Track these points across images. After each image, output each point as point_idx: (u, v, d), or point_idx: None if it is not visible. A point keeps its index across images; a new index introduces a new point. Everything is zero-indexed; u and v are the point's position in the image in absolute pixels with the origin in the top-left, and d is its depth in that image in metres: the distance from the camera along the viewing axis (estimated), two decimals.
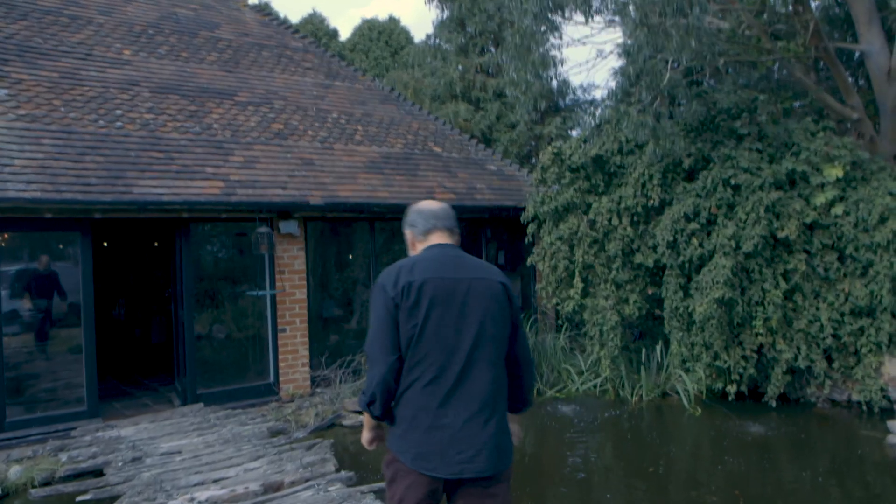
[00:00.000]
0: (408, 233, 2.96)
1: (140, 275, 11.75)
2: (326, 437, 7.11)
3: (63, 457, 6.37)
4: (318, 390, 8.82)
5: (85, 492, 5.38)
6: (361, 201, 9.04)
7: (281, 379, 8.68)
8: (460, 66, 17.44)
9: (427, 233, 2.83)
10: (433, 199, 10.06)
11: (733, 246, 7.55)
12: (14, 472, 6.29)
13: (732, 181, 7.86)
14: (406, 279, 2.62)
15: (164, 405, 8.31)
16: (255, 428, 6.83)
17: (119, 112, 8.42)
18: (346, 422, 7.97)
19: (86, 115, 8.12)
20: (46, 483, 6.13)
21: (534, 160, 15.99)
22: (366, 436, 2.91)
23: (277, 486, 5.09)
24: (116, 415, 7.83)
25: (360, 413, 8.10)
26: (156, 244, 10.72)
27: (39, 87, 8.23)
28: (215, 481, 5.37)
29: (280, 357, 8.68)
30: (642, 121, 8.05)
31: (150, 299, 11.39)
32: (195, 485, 5.27)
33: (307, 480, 5.21)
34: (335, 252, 9.98)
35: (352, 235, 10.07)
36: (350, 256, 10.26)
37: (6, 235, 7.31)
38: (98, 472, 5.97)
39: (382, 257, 10.42)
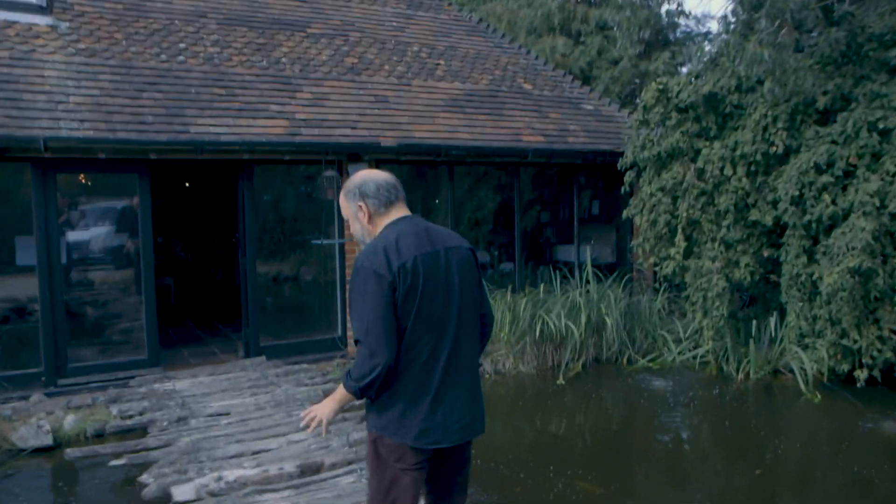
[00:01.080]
0: (360, 205, 2.72)
1: (221, 216, 11.52)
2: None
3: (114, 409, 6.11)
4: None
5: (119, 455, 5.04)
6: (439, 143, 8.22)
7: (348, 334, 8.17)
8: None
9: (389, 205, 2.69)
10: (520, 141, 9.14)
11: (876, 205, 6.22)
12: (69, 422, 6.09)
13: (881, 125, 6.45)
14: (398, 260, 2.51)
15: (230, 354, 7.99)
16: (312, 391, 6.33)
17: (182, 45, 7.90)
18: None
19: (147, 49, 7.64)
20: (98, 435, 5.90)
21: (637, 100, 14.55)
22: (332, 413, 2.72)
23: (316, 468, 4.53)
24: (180, 363, 7.57)
25: None
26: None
27: (102, 20, 7.80)
28: (255, 453, 4.88)
29: (348, 309, 8.14)
30: (757, 53, 6.73)
31: (231, 241, 11.17)
32: (232, 456, 4.80)
33: (350, 463, 4.62)
34: (409, 200, 9.26)
35: (430, 181, 9.30)
36: (428, 203, 9.53)
37: (82, 177, 7.04)
38: (143, 431, 5.66)
39: (464, 205, 9.65)
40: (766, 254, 7.49)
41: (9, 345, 6.99)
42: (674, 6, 14.44)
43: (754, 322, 7.72)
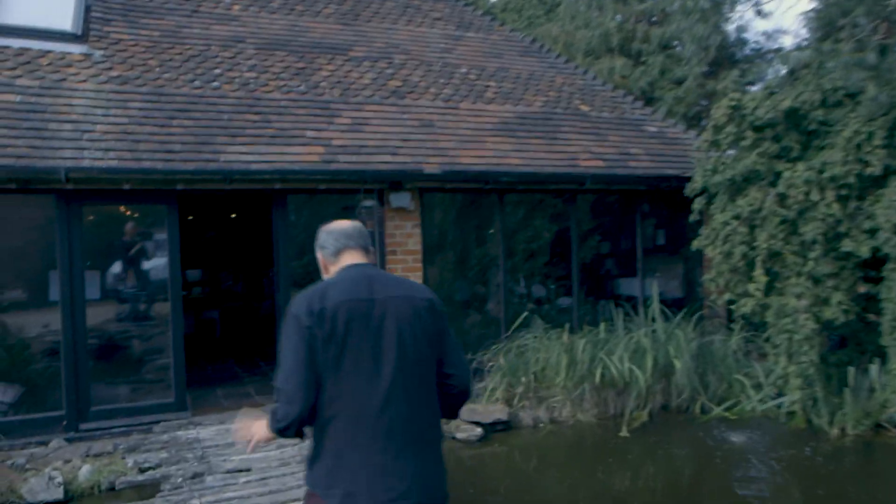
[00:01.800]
0: (319, 256, 2.68)
1: (267, 247, 11.17)
2: None
3: (130, 460, 5.62)
4: None
5: None
6: (487, 169, 7.60)
7: None
8: (619, 15, 15.29)
9: (338, 253, 2.60)
10: (577, 166, 8.45)
11: None
12: (84, 473, 5.63)
13: None
14: (319, 305, 2.36)
15: (266, 397, 7.46)
16: None
17: (218, 71, 7.56)
18: (459, 434, 6.68)
19: (181, 76, 7.31)
20: (111, 489, 5.41)
21: (703, 122, 13.64)
22: (255, 442, 2.59)
23: None
24: (211, 405, 7.08)
25: (478, 425, 6.78)
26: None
27: (137, 48, 7.54)
28: None
29: None
30: (857, 59, 5.89)
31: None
32: None
33: None
34: (457, 230, 8.67)
35: (479, 210, 8.69)
36: (477, 234, 8.91)
37: (109, 209, 6.65)
38: (156, 486, 5.13)
39: (517, 235, 8.99)
40: (861, 289, 6.54)
41: (37, 385, 6.64)
42: (742, 21, 13.54)
43: (850, 368, 6.72)
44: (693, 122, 14.28)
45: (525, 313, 8.00)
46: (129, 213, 6.80)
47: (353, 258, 2.58)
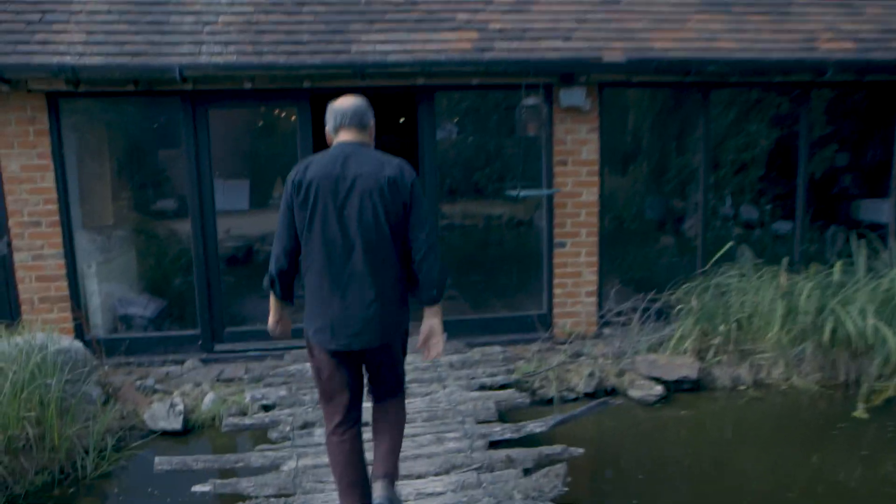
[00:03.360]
0: (326, 131, 3.01)
1: None
2: (579, 430, 4.68)
3: (249, 395, 5.06)
4: (607, 332, 6.30)
5: (212, 472, 3.84)
6: (688, 56, 5.84)
7: (556, 311, 6.35)
8: None
9: (337, 130, 2.92)
10: (814, 49, 6.33)
11: None
12: (207, 403, 5.20)
13: None
14: (300, 177, 2.80)
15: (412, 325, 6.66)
16: (483, 401, 4.66)
17: None
18: (633, 391, 5.39)
19: None
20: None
21: None
22: (270, 320, 3.08)
23: None
24: None
25: (657, 382, 5.44)
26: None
27: None
28: None
29: (555, 281, 6.31)
30: None
31: None
32: None
33: None
34: (646, 136, 7.03)
35: (674, 111, 6.97)
36: (670, 142, 7.22)
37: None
38: (264, 431, 4.48)
39: (725, 143, 7.20)
40: None
41: (178, 300, 6.36)
42: None
43: None
44: None
45: (731, 243, 6.31)
46: (260, 115, 6.08)
47: (346, 136, 2.89)
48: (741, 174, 7.51)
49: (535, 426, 4.25)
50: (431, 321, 2.90)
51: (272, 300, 2.99)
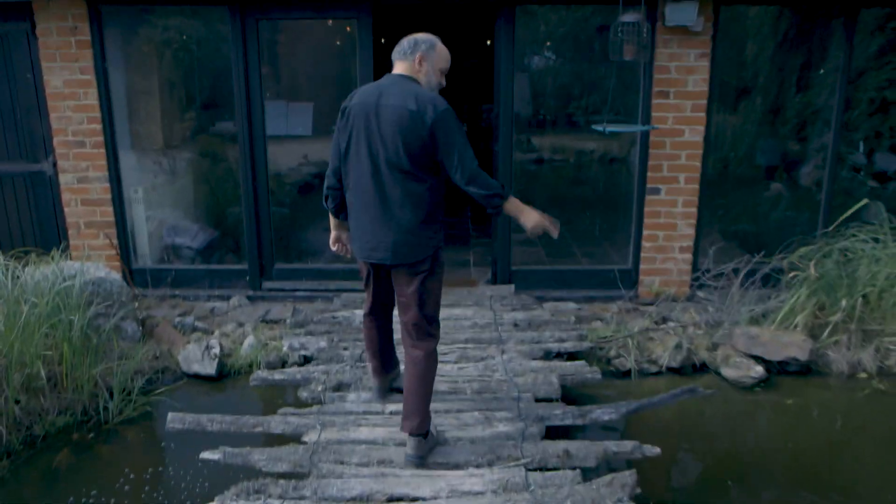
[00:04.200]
0: None
1: None
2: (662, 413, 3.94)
3: (287, 343, 4.59)
4: (701, 295, 5.43)
5: (226, 436, 3.36)
6: None
7: (643, 266, 5.53)
8: None
9: (395, 61, 3.08)
10: None
11: None
12: (247, 347, 4.78)
13: None
14: (345, 104, 3.05)
15: (480, 273, 6.02)
16: (544, 373, 3.99)
17: None
18: (727, 370, 4.57)
19: None
20: (271, 368, 4.45)
21: None
22: (331, 236, 3.42)
23: None
24: None
25: (758, 361, 4.59)
26: None
27: None
28: (390, 502, 2.83)
29: (645, 233, 5.47)
30: None
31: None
32: (351, 500, 2.81)
33: None
34: (765, 66, 5.91)
35: (803, 36, 5.80)
36: (793, 75, 6.07)
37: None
38: (295, 388, 3.99)
39: (864, 77, 6.02)
40: None
41: (228, 231, 5.94)
42: None
43: None
44: None
45: (864, 200, 5.24)
46: (317, 30, 5.40)
47: (396, 67, 3.08)
48: (877, 116, 6.28)
49: (603, 413, 3.55)
50: (521, 220, 3.04)
51: (330, 217, 3.35)
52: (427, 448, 3.09)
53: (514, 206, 3.00)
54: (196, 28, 5.53)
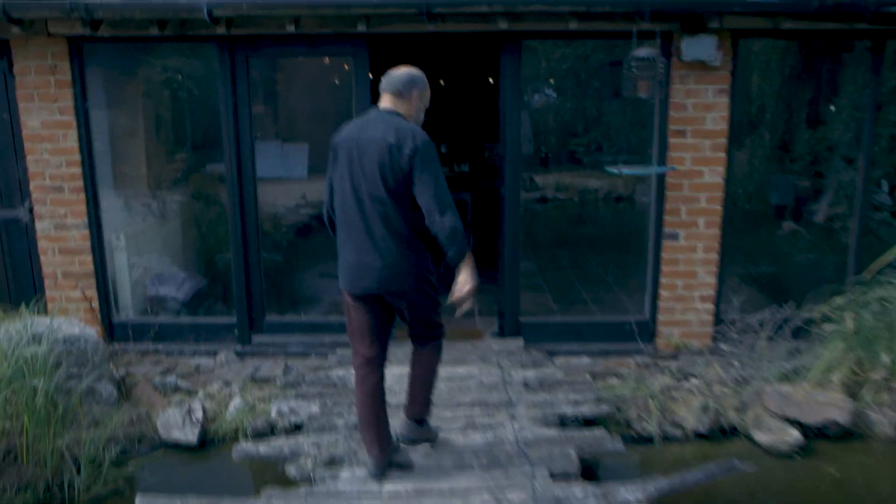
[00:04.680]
0: None
1: None
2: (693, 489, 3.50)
3: (275, 408, 4.18)
4: (724, 348, 5.03)
5: None
6: None
7: (660, 317, 5.13)
8: None
9: (381, 94, 3.14)
10: None
11: None
12: (232, 409, 4.38)
13: None
14: (336, 140, 3.13)
15: (485, 322, 5.61)
16: (561, 447, 3.56)
17: None
18: (760, 434, 4.14)
19: None
20: (258, 436, 4.04)
21: None
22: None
23: None
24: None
25: (793, 424, 4.17)
26: None
27: None
28: None
29: (662, 281, 5.08)
30: None
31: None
32: None
33: None
34: (779, 99, 5.61)
35: (829, 66, 5.50)
36: (804, 108, 5.77)
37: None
38: (283, 464, 3.57)
39: (884, 111, 5.71)
40: None
41: (217, 279, 5.58)
42: None
43: None
44: None
45: None
46: (309, 67, 5.11)
47: (383, 102, 3.14)
48: None
49: (628, 493, 3.12)
50: (460, 275, 3.05)
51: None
52: (420, 434, 3.44)
53: (468, 259, 3.03)
54: (184, 65, 5.24)
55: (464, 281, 3.01)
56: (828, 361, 4.41)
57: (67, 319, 4.48)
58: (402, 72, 3.12)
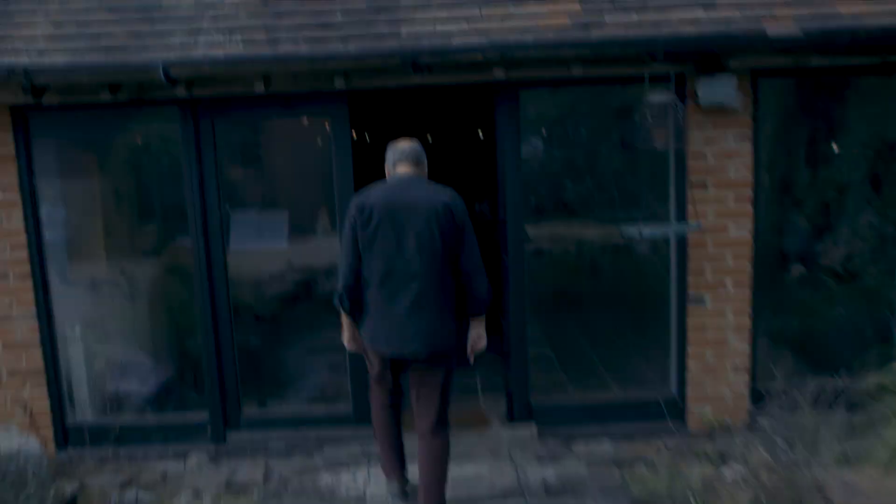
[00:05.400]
0: (385, 166, 3.34)
1: None
2: None
3: None
4: (764, 423, 4.40)
5: None
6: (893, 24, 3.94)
7: (689, 393, 4.53)
8: None
9: (395, 165, 3.26)
10: None
11: None
12: None
13: None
14: (364, 201, 3.12)
15: (492, 407, 4.95)
16: None
17: None
18: None
19: None
20: None
21: None
22: (345, 335, 3.38)
23: None
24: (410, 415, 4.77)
25: None
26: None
27: None
28: None
29: (689, 350, 4.50)
30: None
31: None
32: None
33: None
34: (807, 137, 5.11)
35: (849, 105, 5.04)
36: (813, 148, 5.27)
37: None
38: None
39: None
40: None
41: (187, 369, 4.95)
42: None
43: None
44: None
45: None
46: (284, 129, 4.60)
47: (403, 168, 3.25)
48: None
49: None
50: (478, 328, 3.25)
51: (343, 317, 3.30)
52: None
53: (483, 317, 3.22)
54: (145, 131, 4.72)
55: (478, 335, 3.27)
56: (882, 452, 3.80)
57: (6, 431, 3.84)
58: (411, 143, 3.28)
